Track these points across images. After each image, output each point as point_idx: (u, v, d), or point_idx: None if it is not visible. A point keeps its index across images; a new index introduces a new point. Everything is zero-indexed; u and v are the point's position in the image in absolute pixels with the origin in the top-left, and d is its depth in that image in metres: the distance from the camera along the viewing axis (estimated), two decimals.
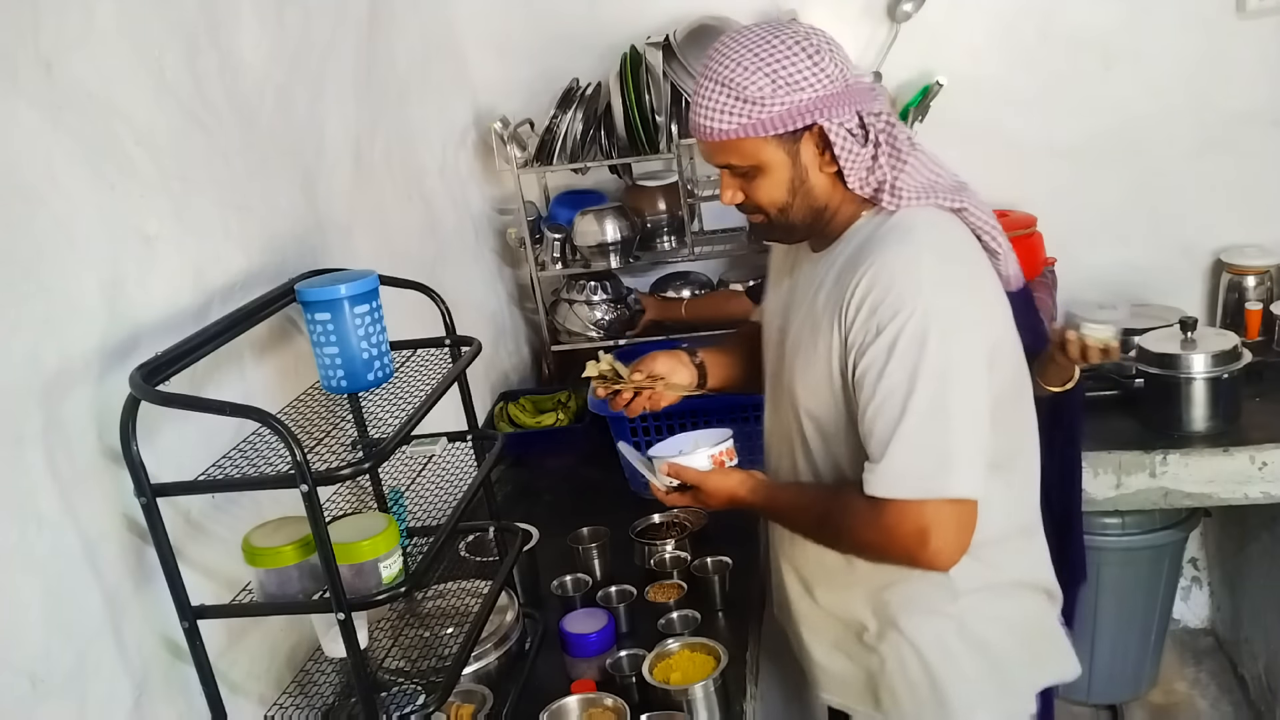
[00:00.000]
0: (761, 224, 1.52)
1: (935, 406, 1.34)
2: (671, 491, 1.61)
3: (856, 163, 1.43)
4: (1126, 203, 2.82)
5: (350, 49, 2.17)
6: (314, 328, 1.49)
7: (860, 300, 1.38)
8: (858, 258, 1.43)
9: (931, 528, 1.36)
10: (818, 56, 1.39)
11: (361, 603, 1.35)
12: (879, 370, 1.36)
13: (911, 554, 1.39)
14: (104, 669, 1.27)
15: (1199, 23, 2.66)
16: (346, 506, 1.72)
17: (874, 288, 1.37)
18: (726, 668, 1.68)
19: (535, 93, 2.87)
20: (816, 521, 1.53)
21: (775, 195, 1.46)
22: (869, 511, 1.39)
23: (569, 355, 2.94)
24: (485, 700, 1.68)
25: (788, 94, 1.38)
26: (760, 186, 1.46)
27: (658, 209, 2.90)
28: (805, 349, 1.50)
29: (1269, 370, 2.57)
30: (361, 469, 1.34)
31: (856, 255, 1.44)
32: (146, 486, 1.27)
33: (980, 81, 2.73)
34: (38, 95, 1.24)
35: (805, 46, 1.40)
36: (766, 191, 1.46)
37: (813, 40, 1.41)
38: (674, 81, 2.65)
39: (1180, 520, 2.75)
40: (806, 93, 1.38)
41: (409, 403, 1.60)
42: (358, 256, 2.02)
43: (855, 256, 1.44)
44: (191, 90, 1.55)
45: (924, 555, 1.38)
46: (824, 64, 1.39)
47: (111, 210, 1.35)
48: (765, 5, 2.76)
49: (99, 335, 1.31)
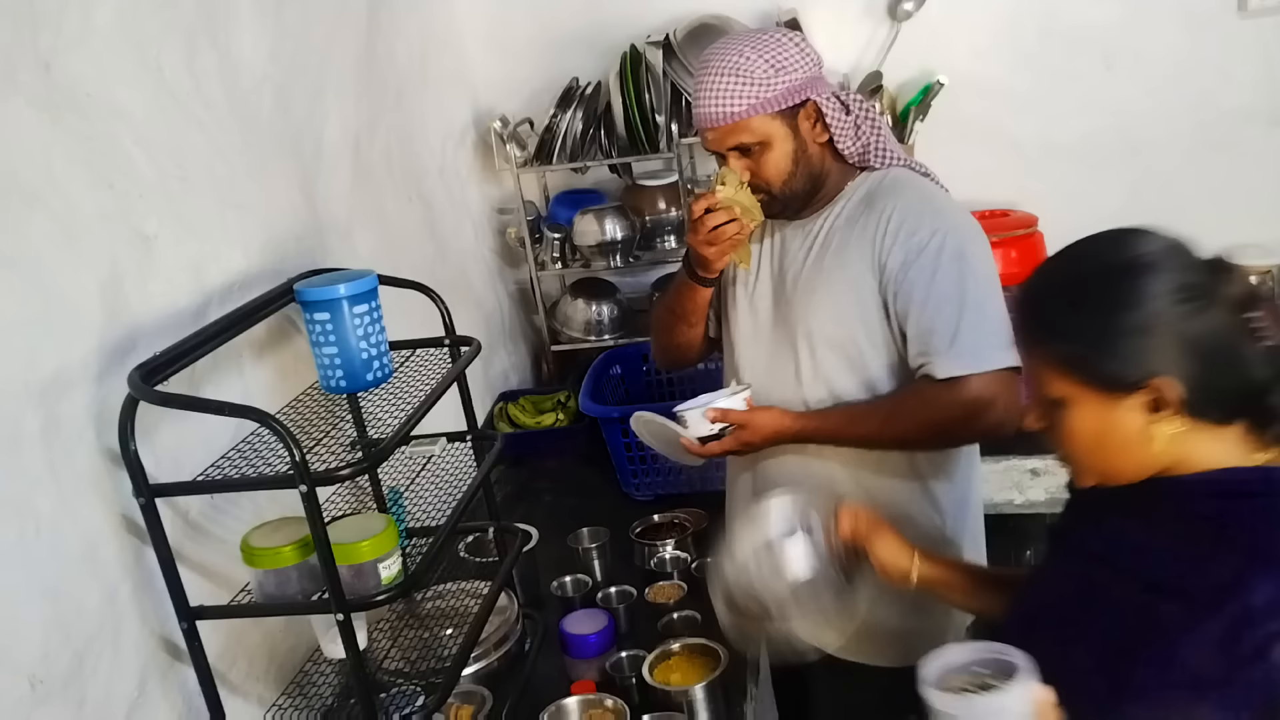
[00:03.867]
0: (763, 200, 1.66)
1: (982, 299, 1.58)
2: (709, 441, 1.64)
3: (845, 131, 1.66)
4: (1127, 202, 2.80)
5: (349, 48, 2.17)
6: (313, 328, 1.49)
7: (895, 231, 1.60)
8: (870, 205, 1.65)
9: (999, 395, 1.55)
10: (801, 45, 1.64)
11: (360, 603, 1.35)
12: (929, 278, 1.57)
13: (981, 421, 1.56)
14: (102, 669, 1.27)
15: (1200, 22, 2.66)
16: (346, 507, 1.71)
17: (905, 220, 1.60)
18: (726, 668, 1.67)
19: (535, 92, 2.87)
20: (885, 419, 1.62)
21: (782, 166, 1.63)
22: (945, 392, 1.56)
23: (569, 355, 2.94)
24: (485, 701, 1.68)
25: (784, 75, 1.60)
26: (768, 162, 1.63)
27: (658, 209, 2.90)
28: (823, 286, 1.66)
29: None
30: (361, 469, 1.34)
31: (867, 204, 1.66)
32: (145, 487, 1.27)
33: (981, 81, 2.72)
34: (37, 95, 1.24)
35: (789, 37, 1.64)
36: (773, 164, 1.63)
37: (791, 34, 1.67)
38: (674, 81, 2.65)
39: None
40: (798, 73, 1.61)
41: (408, 403, 1.59)
42: (357, 256, 2.02)
43: (865, 206, 1.66)
44: (190, 90, 1.55)
45: (991, 421, 1.55)
46: (807, 50, 1.64)
47: (110, 210, 1.35)
48: (765, 5, 2.76)
49: (97, 335, 1.30)
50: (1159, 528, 1.08)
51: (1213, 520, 1.04)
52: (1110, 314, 1.04)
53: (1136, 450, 1.06)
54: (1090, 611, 1.11)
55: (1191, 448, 1.06)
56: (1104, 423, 1.06)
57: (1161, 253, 1.07)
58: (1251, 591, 0.95)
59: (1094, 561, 1.15)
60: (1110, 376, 1.04)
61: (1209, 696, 0.97)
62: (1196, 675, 0.97)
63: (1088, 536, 1.18)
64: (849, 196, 1.69)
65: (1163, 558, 1.06)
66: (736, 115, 1.59)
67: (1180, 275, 1.05)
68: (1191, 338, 1.02)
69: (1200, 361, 1.02)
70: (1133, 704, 1.02)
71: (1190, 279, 1.05)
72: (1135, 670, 1.03)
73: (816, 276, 1.67)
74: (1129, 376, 1.03)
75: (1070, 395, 1.08)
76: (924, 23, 2.70)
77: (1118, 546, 1.12)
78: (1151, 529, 1.09)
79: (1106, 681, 1.05)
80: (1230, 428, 1.06)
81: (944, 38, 2.73)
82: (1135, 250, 1.08)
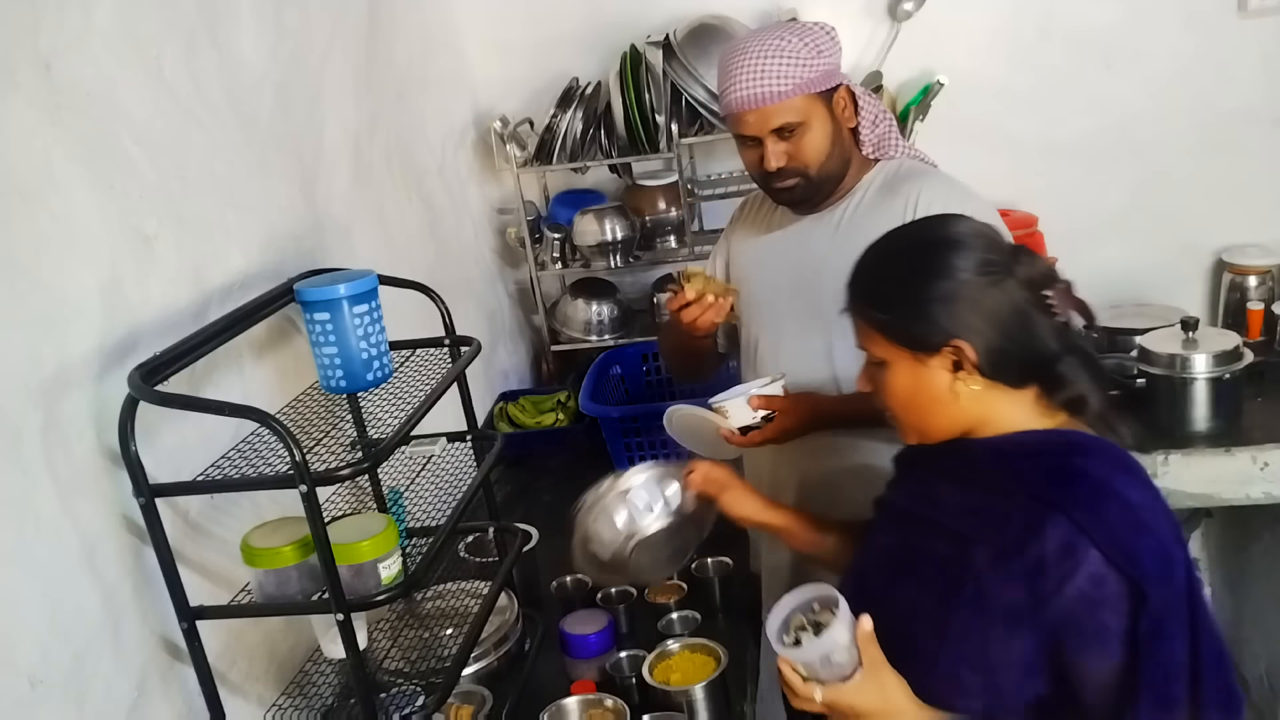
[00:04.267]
0: (795, 186, 1.72)
1: None
2: (750, 430, 1.67)
3: (870, 115, 1.74)
4: (1128, 202, 2.82)
5: (349, 48, 2.17)
6: (313, 328, 1.49)
7: (928, 207, 1.65)
8: (893, 190, 1.72)
9: None
10: (832, 33, 1.72)
11: (361, 603, 1.35)
12: None
13: None
14: (103, 669, 1.27)
15: (1200, 22, 2.66)
16: (346, 507, 1.71)
17: (934, 200, 1.65)
18: (726, 668, 1.67)
19: (535, 92, 2.87)
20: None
21: (820, 147, 1.70)
22: None
23: (569, 355, 2.94)
24: (485, 701, 1.68)
25: (821, 59, 1.67)
26: (808, 143, 1.69)
27: (658, 209, 2.90)
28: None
29: (1270, 370, 2.56)
30: (361, 469, 1.34)
31: (888, 190, 1.73)
32: (145, 487, 1.27)
33: (981, 80, 2.73)
34: (37, 94, 1.24)
35: (821, 26, 1.72)
36: (812, 145, 1.69)
37: (821, 24, 1.74)
38: (674, 81, 2.65)
39: (1181, 520, 2.74)
40: (833, 58, 1.70)
41: (408, 403, 1.59)
42: (357, 256, 2.02)
43: (887, 191, 1.73)
44: (190, 89, 1.55)
45: None
46: (836, 39, 1.72)
47: (110, 210, 1.35)
48: (765, 5, 2.76)
49: (97, 335, 1.30)
50: (967, 486, 1.23)
51: (1012, 478, 1.18)
52: (919, 284, 1.18)
53: (946, 407, 1.21)
54: (913, 564, 1.26)
55: (992, 410, 1.21)
56: (916, 381, 1.20)
57: (969, 234, 1.21)
58: (1046, 539, 1.10)
59: (913, 520, 1.30)
60: (918, 339, 1.19)
61: (1022, 625, 1.12)
62: (1009, 610, 1.12)
63: (907, 499, 1.35)
64: (868, 186, 1.76)
65: (972, 512, 1.20)
66: (783, 94, 1.64)
67: (983, 253, 1.18)
68: (989, 307, 1.16)
69: (996, 328, 1.16)
70: (957, 644, 1.16)
71: (992, 257, 1.18)
72: (955, 612, 1.17)
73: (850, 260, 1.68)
74: (933, 339, 1.17)
75: (888, 356, 1.22)
76: (924, 23, 2.70)
77: (933, 505, 1.27)
78: (961, 488, 1.24)
79: (931, 626, 1.19)
80: (1025, 392, 1.21)
81: (944, 38, 2.73)
82: (946, 230, 1.22)
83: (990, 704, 1.15)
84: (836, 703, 1.17)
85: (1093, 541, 1.09)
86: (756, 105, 1.65)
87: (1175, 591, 1.10)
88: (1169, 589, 1.09)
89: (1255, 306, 2.67)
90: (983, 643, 1.14)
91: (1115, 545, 1.09)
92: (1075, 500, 1.12)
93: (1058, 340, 1.20)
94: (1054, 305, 1.20)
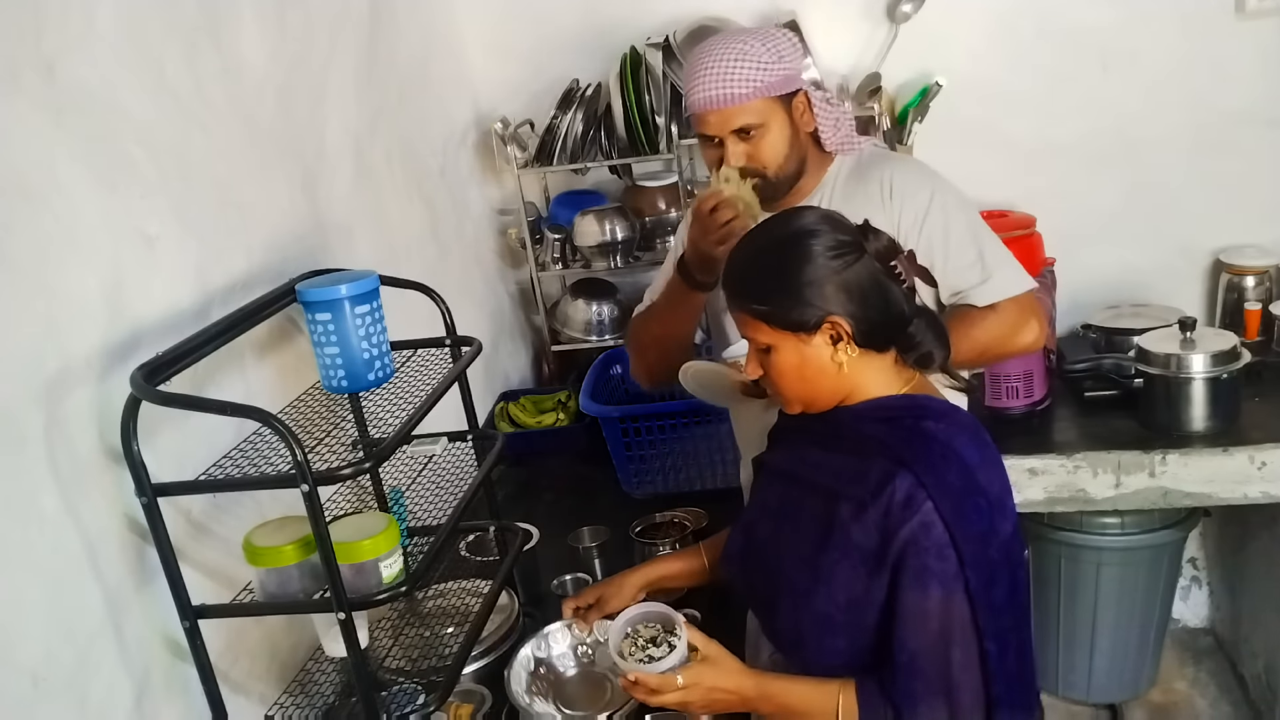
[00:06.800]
0: (754, 185, 1.74)
1: (990, 236, 1.80)
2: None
3: (828, 120, 1.81)
4: (1126, 203, 2.82)
5: (351, 50, 2.17)
6: (315, 328, 1.49)
7: (900, 194, 1.75)
8: (862, 177, 1.80)
9: (1035, 312, 1.78)
10: (793, 40, 1.77)
11: (362, 602, 1.36)
12: (944, 228, 1.75)
13: (1023, 335, 1.77)
14: (105, 668, 1.27)
15: (1197, 23, 2.66)
16: (347, 506, 1.72)
17: (906, 184, 1.76)
18: None
19: (535, 93, 2.88)
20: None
21: (779, 149, 1.75)
22: (992, 316, 1.74)
23: (569, 355, 2.95)
24: (485, 700, 1.69)
25: (781, 64, 1.71)
26: (766, 144, 1.74)
27: (658, 209, 2.90)
28: None
29: (1268, 370, 2.57)
30: (362, 469, 1.35)
31: (858, 178, 1.81)
32: (147, 486, 1.28)
33: (979, 82, 2.73)
34: (39, 96, 1.25)
35: (782, 32, 1.77)
36: (771, 147, 1.74)
37: (783, 29, 1.79)
38: (674, 82, 2.65)
39: (1180, 520, 2.75)
40: (793, 63, 1.74)
41: (409, 403, 1.60)
42: (358, 257, 2.02)
43: (857, 179, 1.81)
44: (192, 91, 1.56)
45: (1031, 335, 1.77)
46: (798, 45, 1.78)
47: (113, 210, 1.36)
48: (765, 6, 2.77)
49: (100, 335, 1.31)
50: (835, 448, 1.38)
51: (870, 439, 1.33)
52: (787, 274, 1.31)
53: (831, 378, 1.34)
54: (790, 520, 1.42)
55: (860, 377, 1.35)
56: (802, 358, 1.33)
57: (818, 221, 1.34)
58: (894, 490, 1.27)
59: (791, 481, 1.45)
60: (797, 321, 1.31)
61: (880, 567, 1.28)
62: (866, 553, 1.29)
63: (785, 463, 1.49)
64: (834, 178, 1.84)
65: (838, 471, 1.36)
66: (743, 97, 1.69)
67: (833, 236, 1.31)
68: (850, 283, 1.30)
69: (859, 301, 1.30)
70: (827, 585, 1.32)
71: (844, 238, 1.32)
72: (824, 557, 1.33)
73: None
74: (810, 319, 1.30)
75: (774, 341, 1.34)
76: (922, 25, 2.70)
77: (807, 466, 1.42)
78: (830, 450, 1.39)
79: (807, 573, 1.35)
80: (886, 355, 1.36)
81: (942, 39, 2.73)
82: (798, 222, 1.35)
83: (855, 639, 1.31)
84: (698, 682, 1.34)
85: (929, 495, 1.25)
86: (718, 106, 1.70)
87: (1000, 540, 1.28)
88: (989, 542, 1.27)
89: (1253, 307, 2.68)
90: (848, 582, 1.31)
91: (947, 500, 1.25)
92: (920, 459, 1.28)
93: (908, 305, 1.36)
94: (901, 273, 1.34)
